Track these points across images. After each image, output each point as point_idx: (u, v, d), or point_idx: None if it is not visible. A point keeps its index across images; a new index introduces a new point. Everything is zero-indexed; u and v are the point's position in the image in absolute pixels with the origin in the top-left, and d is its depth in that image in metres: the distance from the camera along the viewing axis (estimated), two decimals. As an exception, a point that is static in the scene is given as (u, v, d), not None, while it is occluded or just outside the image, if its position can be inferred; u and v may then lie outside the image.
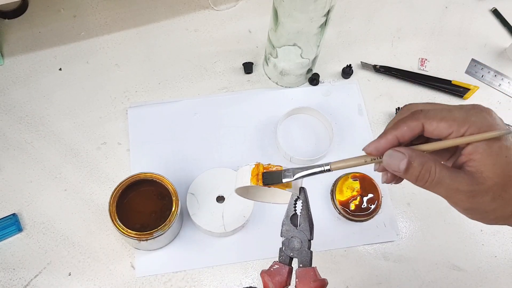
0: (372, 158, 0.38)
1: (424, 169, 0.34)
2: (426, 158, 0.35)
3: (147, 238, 0.55)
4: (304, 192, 0.43)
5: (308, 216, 0.43)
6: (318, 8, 0.58)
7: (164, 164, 0.67)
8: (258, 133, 0.71)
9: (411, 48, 0.80)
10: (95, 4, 0.79)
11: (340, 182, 0.66)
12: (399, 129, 0.36)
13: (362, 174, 0.66)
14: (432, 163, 0.34)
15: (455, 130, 0.34)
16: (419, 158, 0.35)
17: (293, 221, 0.44)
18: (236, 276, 0.61)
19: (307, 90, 0.75)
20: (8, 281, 0.59)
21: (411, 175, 0.35)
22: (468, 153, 0.35)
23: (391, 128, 0.37)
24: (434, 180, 0.35)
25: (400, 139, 0.36)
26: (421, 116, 0.35)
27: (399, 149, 0.36)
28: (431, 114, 0.35)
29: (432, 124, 0.35)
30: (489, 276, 0.63)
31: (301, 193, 0.43)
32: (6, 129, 0.68)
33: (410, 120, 0.36)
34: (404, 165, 0.35)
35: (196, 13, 0.80)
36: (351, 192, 0.65)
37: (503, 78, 0.78)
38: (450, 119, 0.34)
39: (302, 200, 0.43)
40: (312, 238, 0.43)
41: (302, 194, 0.43)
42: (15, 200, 0.64)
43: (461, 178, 0.34)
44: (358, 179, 0.66)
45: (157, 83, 0.73)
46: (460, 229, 0.66)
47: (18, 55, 0.74)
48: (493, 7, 0.84)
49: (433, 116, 0.35)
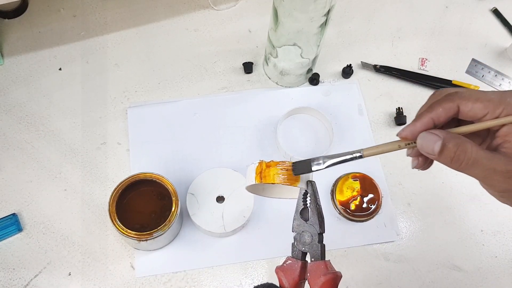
0: (407, 143, 0.38)
1: (459, 150, 0.34)
2: (462, 139, 0.34)
3: (147, 238, 0.55)
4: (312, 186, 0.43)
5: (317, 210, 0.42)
6: (318, 8, 0.57)
7: (164, 164, 0.67)
8: (258, 133, 0.70)
9: (412, 48, 0.79)
10: (95, 4, 0.79)
11: (341, 182, 0.66)
12: (434, 111, 0.36)
13: (362, 174, 0.66)
14: (468, 144, 0.34)
15: (491, 111, 0.34)
16: (454, 139, 0.34)
17: (303, 215, 0.43)
18: (236, 276, 0.61)
19: (307, 90, 0.75)
20: (8, 281, 0.59)
21: (445, 157, 0.35)
22: (504, 135, 0.34)
23: (425, 111, 0.36)
24: (471, 161, 0.34)
25: (435, 121, 0.36)
26: (456, 97, 0.35)
27: (433, 131, 0.35)
28: (466, 95, 0.35)
29: (467, 105, 0.35)
30: (489, 276, 0.63)
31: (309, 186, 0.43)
32: (6, 129, 0.68)
33: (445, 101, 0.35)
34: (439, 146, 0.34)
35: (196, 13, 0.80)
36: (351, 192, 0.65)
37: (503, 78, 0.77)
38: (485, 99, 0.34)
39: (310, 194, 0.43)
40: (323, 231, 0.42)
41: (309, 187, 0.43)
42: (15, 200, 0.64)
43: (498, 159, 0.34)
44: (358, 179, 0.66)
45: (157, 83, 0.73)
46: (460, 229, 0.66)
47: (18, 55, 0.74)
48: (493, 7, 0.84)
49: (468, 97, 0.35)
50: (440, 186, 0.68)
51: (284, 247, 0.62)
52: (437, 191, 0.68)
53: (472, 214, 0.67)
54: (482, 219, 0.67)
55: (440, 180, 0.69)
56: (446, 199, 0.68)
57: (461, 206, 0.67)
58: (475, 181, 0.51)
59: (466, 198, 0.68)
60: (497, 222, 0.67)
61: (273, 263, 0.62)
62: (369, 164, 0.68)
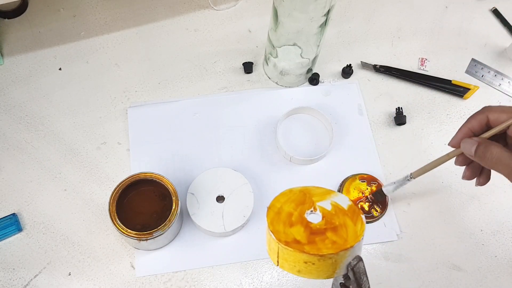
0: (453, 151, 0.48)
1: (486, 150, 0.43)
2: (490, 142, 0.44)
3: (147, 238, 0.55)
4: (353, 273, 0.30)
5: None
6: (318, 8, 0.58)
7: (164, 164, 0.67)
8: (258, 133, 0.70)
9: (411, 48, 0.80)
10: (95, 4, 0.79)
11: (348, 183, 0.66)
12: (470, 123, 0.47)
13: (370, 176, 0.66)
14: (493, 146, 0.43)
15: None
16: (484, 143, 0.44)
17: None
18: (236, 276, 0.61)
19: (307, 90, 0.75)
20: (8, 281, 0.59)
21: (478, 157, 0.44)
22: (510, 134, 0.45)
23: (464, 124, 0.47)
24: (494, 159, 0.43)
25: (472, 130, 0.46)
26: (486, 110, 0.46)
27: (471, 138, 0.46)
28: (494, 107, 0.46)
29: (494, 115, 0.45)
30: (489, 276, 0.63)
31: (350, 272, 0.30)
32: (6, 129, 0.68)
33: (477, 114, 0.46)
34: (474, 149, 0.44)
35: (196, 13, 0.80)
36: (358, 193, 0.65)
37: (503, 78, 0.78)
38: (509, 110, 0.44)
39: (352, 282, 0.31)
40: None
41: (351, 274, 0.30)
42: (15, 200, 0.64)
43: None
44: (365, 180, 0.66)
45: (157, 83, 0.73)
46: (460, 229, 0.66)
47: (18, 55, 0.74)
48: (493, 7, 0.84)
49: (495, 109, 0.45)
50: (440, 186, 0.68)
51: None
52: (437, 191, 0.68)
53: (472, 214, 0.67)
54: (481, 219, 0.67)
55: (440, 180, 0.69)
56: (446, 199, 0.68)
57: (461, 206, 0.67)
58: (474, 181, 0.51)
59: (466, 198, 0.68)
60: (497, 222, 0.67)
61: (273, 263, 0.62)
62: (369, 163, 0.69)
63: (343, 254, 0.29)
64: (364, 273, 0.31)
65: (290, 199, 0.32)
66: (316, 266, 0.29)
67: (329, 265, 0.30)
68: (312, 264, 0.29)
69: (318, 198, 0.33)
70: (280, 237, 0.30)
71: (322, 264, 0.29)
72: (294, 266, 0.30)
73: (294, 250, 0.29)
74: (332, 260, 0.29)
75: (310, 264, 0.29)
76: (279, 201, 0.32)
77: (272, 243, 0.31)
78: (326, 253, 0.29)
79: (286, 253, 0.30)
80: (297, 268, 0.30)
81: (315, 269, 0.30)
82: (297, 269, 0.30)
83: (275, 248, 0.31)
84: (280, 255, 0.30)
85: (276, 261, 0.31)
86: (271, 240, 0.30)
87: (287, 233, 0.30)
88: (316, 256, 0.29)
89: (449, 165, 0.52)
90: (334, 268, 0.30)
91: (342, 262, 0.30)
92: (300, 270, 0.30)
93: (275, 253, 0.31)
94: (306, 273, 0.30)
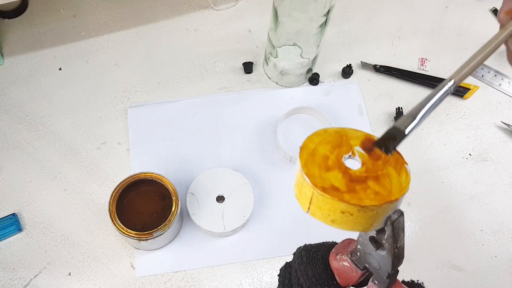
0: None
1: None
2: None
3: (147, 238, 0.55)
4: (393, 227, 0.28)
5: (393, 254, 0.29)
6: (318, 8, 0.58)
7: (164, 164, 0.67)
8: (258, 133, 0.70)
9: (411, 48, 0.80)
10: (95, 4, 0.79)
11: None
12: None
13: None
14: None
15: None
16: None
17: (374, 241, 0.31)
18: (236, 276, 0.61)
19: (307, 90, 0.75)
20: (8, 281, 0.59)
21: None
22: None
23: None
24: None
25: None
26: None
27: None
28: None
29: None
30: (489, 276, 0.63)
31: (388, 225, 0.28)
32: (6, 129, 0.68)
33: None
34: None
35: (196, 13, 0.80)
36: None
37: (503, 77, 0.78)
38: None
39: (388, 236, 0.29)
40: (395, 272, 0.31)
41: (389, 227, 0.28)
42: (15, 200, 0.64)
43: None
44: None
45: (157, 83, 0.73)
46: (460, 229, 0.66)
47: (18, 55, 0.74)
48: (493, 7, 0.84)
49: None
50: (440, 186, 0.68)
51: (284, 246, 0.63)
52: (437, 191, 0.68)
53: (472, 214, 0.67)
54: (481, 219, 0.67)
55: (440, 180, 0.69)
56: (446, 199, 0.68)
57: (461, 206, 0.67)
58: (474, 181, 0.51)
59: (465, 198, 0.68)
60: (497, 221, 0.67)
61: (273, 262, 0.62)
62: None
63: (386, 207, 0.27)
64: (403, 228, 0.29)
65: (325, 140, 0.29)
66: (354, 217, 0.27)
67: (368, 217, 0.27)
68: (350, 215, 0.27)
69: (356, 142, 0.29)
70: (316, 181, 0.27)
71: (361, 215, 0.27)
72: (328, 215, 0.27)
73: (332, 198, 0.26)
74: (373, 213, 0.27)
75: (348, 214, 0.27)
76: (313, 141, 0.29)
77: (305, 188, 0.27)
78: (368, 204, 0.26)
79: (322, 200, 0.27)
80: (332, 218, 0.27)
81: (351, 220, 0.27)
82: (331, 219, 0.27)
83: (308, 194, 0.27)
84: (313, 202, 0.27)
85: (306, 208, 0.28)
86: (305, 184, 0.27)
87: (323, 178, 0.27)
88: (357, 207, 0.26)
89: (449, 165, 0.52)
90: (373, 221, 0.28)
91: (383, 215, 0.28)
92: (335, 220, 0.27)
93: (307, 199, 0.27)
94: (341, 224, 0.27)
